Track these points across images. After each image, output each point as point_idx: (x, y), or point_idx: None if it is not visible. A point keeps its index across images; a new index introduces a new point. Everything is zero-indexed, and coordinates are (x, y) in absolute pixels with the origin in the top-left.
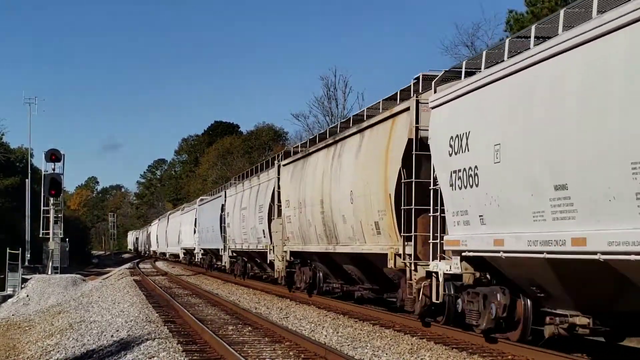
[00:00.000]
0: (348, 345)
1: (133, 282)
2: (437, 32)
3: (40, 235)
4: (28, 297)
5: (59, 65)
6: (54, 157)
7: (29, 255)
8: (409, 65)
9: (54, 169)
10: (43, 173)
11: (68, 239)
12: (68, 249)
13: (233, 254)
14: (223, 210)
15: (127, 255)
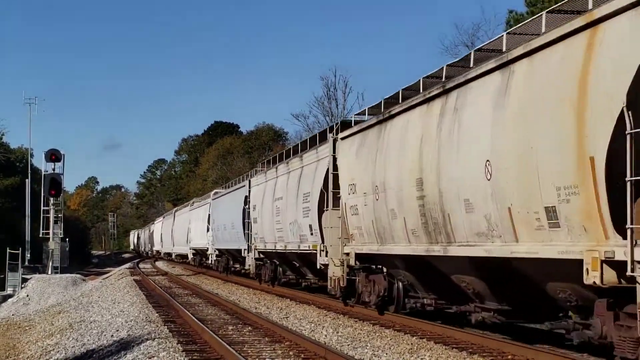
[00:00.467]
0: (348, 345)
1: (133, 282)
2: (437, 32)
3: (40, 235)
4: (28, 297)
5: (59, 66)
6: (54, 157)
7: (29, 255)
8: (409, 65)
9: (54, 169)
10: (43, 173)
11: (68, 239)
12: (68, 249)
13: (260, 256)
14: (246, 203)
15: (127, 255)
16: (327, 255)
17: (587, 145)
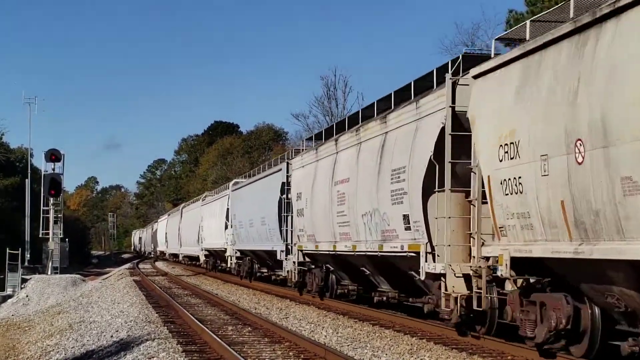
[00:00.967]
0: (348, 346)
1: (133, 282)
2: (437, 32)
3: (40, 235)
4: (28, 297)
5: (60, 65)
6: (54, 157)
7: (29, 255)
8: (409, 65)
9: (54, 169)
10: (43, 173)
11: (68, 239)
12: (68, 249)
13: (306, 260)
14: (284, 192)
15: (127, 256)
16: (435, 261)
17: None
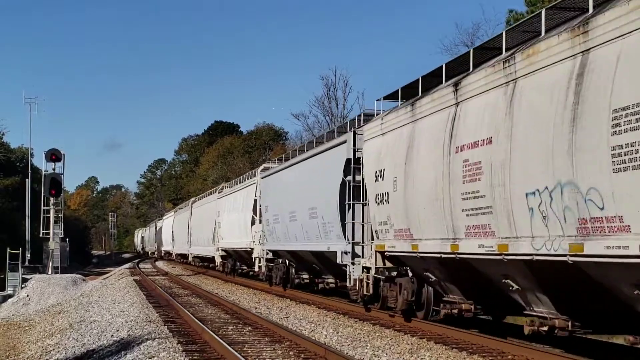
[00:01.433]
0: (348, 345)
1: (133, 282)
2: (437, 32)
3: (40, 235)
4: (28, 297)
5: (60, 65)
6: (54, 157)
7: (29, 255)
8: (409, 65)
9: (54, 169)
10: (43, 173)
11: (68, 239)
12: (68, 249)
13: (387, 266)
14: (350, 173)
15: (127, 255)
16: None
17: None
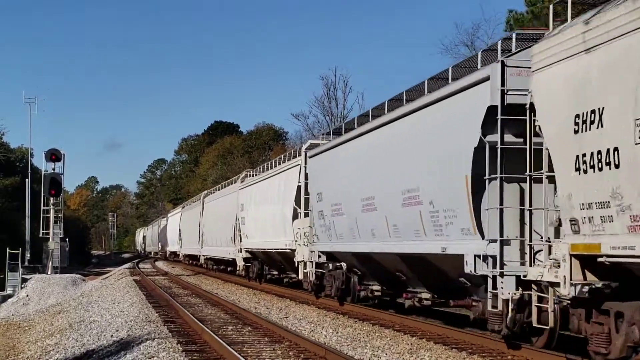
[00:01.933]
0: (348, 345)
1: (133, 282)
2: (437, 32)
3: (40, 235)
4: (28, 297)
5: (60, 65)
6: (54, 157)
7: (29, 255)
8: (409, 65)
9: (54, 169)
10: (43, 173)
11: (68, 239)
12: (68, 249)
13: (592, 290)
14: (496, 130)
15: (127, 255)
16: None
17: None
